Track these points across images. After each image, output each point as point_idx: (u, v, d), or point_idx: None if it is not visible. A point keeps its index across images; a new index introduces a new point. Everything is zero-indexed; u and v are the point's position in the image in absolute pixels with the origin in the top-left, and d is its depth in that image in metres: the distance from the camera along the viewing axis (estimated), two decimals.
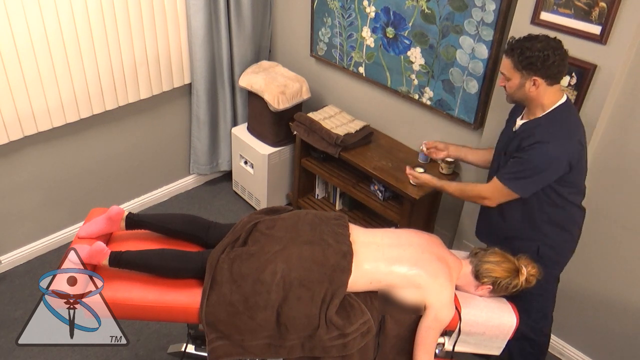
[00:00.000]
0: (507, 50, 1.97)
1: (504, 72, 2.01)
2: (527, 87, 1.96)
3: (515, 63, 1.94)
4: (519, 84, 1.97)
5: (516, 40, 1.95)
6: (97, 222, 2.13)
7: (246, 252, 1.98)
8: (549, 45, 1.90)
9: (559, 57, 1.90)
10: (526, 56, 1.90)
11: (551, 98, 1.99)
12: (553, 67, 1.90)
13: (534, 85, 1.95)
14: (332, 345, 1.89)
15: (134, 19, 2.98)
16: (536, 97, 1.98)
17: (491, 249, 2.07)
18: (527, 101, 2.03)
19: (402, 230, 2.21)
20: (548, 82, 1.94)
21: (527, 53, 1.90)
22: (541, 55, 1.88)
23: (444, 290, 1.95)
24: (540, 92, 1.96)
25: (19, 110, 2.77)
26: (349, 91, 3.37)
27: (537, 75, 1.92)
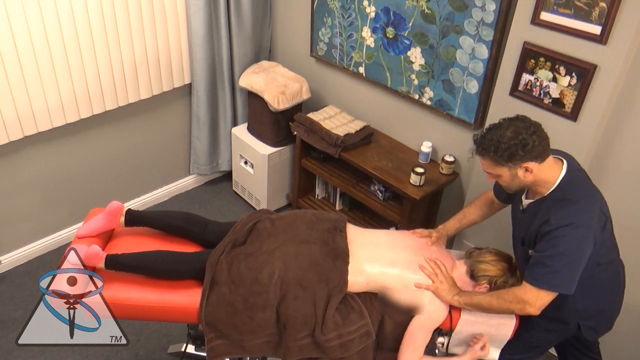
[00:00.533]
0: (478, 150, 1.81)
1: (490, 172, 1.84)
2: (521, 176, 1.79)
3: (494, 160, 1.78)
4: (511, 176, 1.80)
5: (482, 138, 1.80)
6: (96, 220, 2.13)
7: (244, 252, 1.98)
8: (518, 128, 1.73)
9: (535, 134, 1.73)
10: (503, 149, 1.73)
11: (551, 173, 1.82)
12: (536, 148, 1.73)
13: (527, 171, 1.77)
14: (331, 346, 1.89)
15: (134, 19, 2.98)
16: (535, 180, 1.81)
17: (486, 248, 2.07)
18: (528, 186, 1.86)
19: (399, 232, 2.22)
20: (539, 161, 1.77)
21: (503, 146, 1.73)
22: (517, 142, 1.72)
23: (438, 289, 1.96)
24: (536, 173, 1.78)
25: (19, 110, 2.77)
26: (349, 91, 3.37)
27: (524, 161, 1.75)
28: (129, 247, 2.09)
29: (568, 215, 1.74)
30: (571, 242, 1.73)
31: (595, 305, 1.96)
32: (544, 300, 1.78)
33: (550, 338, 2.08)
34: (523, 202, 1.95)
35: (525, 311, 1.81)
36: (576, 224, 1.72)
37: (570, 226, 1.72)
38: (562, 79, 2.25)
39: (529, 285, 1.79)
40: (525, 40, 2.30)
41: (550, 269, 1.75)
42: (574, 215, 1.74)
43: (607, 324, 2.05)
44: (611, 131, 2.28)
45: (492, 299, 1.88)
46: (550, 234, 1.75)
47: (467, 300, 1.93)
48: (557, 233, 1.73)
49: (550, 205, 1.81)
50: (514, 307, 1.83)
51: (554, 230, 1.74)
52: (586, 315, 1.97)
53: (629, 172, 2.30)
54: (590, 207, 1.77)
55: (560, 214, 1.75)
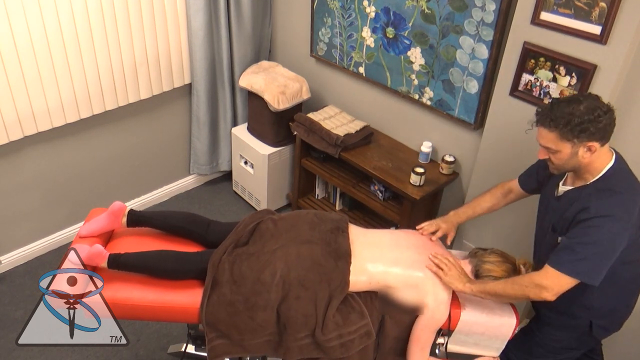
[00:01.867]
0: (545, 121, 1.72)
1: (549, 146, 1.74)
2: (581, 155, 1.71)
3: (563, 133, 1.69)
4: (571, 153, 1.72)
5: (551, 108, 1.71)
6: (98, 220, 2.13)
7: (246, 252, 1.98)
8: (592, 104, 1.67)
9: (608, 114, 1.67)
10: (575, 123, 1.65)
11: (603, 160, 1.76)
12: (606, 128, 1.68)
13: (589, 151, 1.70)
14: (331, 346, 1.89)
15: (134, 19, 2.98)
16: (590, 162, 1.74)
17: (491, 249, 2.07)
18: (579, 168, 1.78)
19: (401, 231, 2.22)
20: (602, 143, 1.70)
21: (575, 120, 1.65)
22: (591, 117, 1.65)
23: (440, 290, 1.96)
24: (594, 155, 1.72)
25: (19, 110, 2.77)
26: (349, 91, 3.37)
27: (592, 139, 1.68)
28: (130, 247, 2.09)
29: (609, 206, 1.69)
30: (606, 234, 1.68)
31: (611, 304, 1.94)
32: (562, 287, 1.73)
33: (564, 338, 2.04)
34: (559, 189, 1.89)
35: (541, 296, 1.75)
36: (616, 217, 1.68)
37: (609, 217, 1.68)
38: (562, 79, 2.25)
39: (551, 270, 1.73)
40: (525, 40, 2.30)
41: (578, 255, 1.70)
42: (615, 207, 1.69)
43: (618, 323, 2.03)
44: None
45: (506, 284, 1.83)
46: (587, 222, 1.70)
47: (481, 288, 1.89)
48: (594, 222, 1.68)
49: (591, 193, 1.75)
50: (529, 292, 1.77)
51: (591, 218, 1.69)
52: (600, 313, 1.95)
53: None
54: (632, 201, 1.72)
55: (601, 203, 1.70)
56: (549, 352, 2.10)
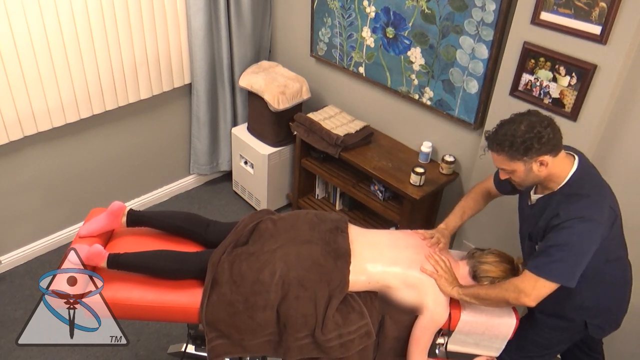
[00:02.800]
0: (492, 145, 1.80)
1: (503, 167, 1.82)
2: (536, 170, 1.77)
3: (510, 155, 1.76)
4: (525, 170, 1.78)
5: (494, 134, 1.79)
6: (98, 220, 2.13)
7: (246, 252, 1.98)
8: (532, 122, 1.73)
9: (550, 127, 1.73)
10: (519, 143, 1.72)
11: (563, 167, 1.81)
12: (551, 141, 1.73)
13: (542, 165, 1.76)
14: (331, 346, 1.89)
15: (134, 19, 2.98)
16: (549, 174, 1.80)
17: (488, 249, 2.07)
18: (541, 181, 1.85)
19: (400, 231, 2.22)
20: (553, 155, 1.75)
21: (518, 140, 1.72)
22: (532, 135, 1.71)
23: (439, 291, 1.96)
24: (550, 167, 1.77)
25: (19, 110, 2.77)
26: (349, 91, 3.37)
27: (540, 154, 1.73)
28: (129, 247, 2.09)
29: (578, 209, 1.74)
30: (578, 235, 1.72)
31: (603, 303, 1.96)
32: (541, 291, 1.76)
33: (558, 338, 2.06)
34: (532, 197, 1.93)
35: (520, 301, 1.78)
36: (585, 218, 1.72)
37: (579, 219, 1.72)
38: (562, 79, 2.25)
39: (528, 273, 1.77)
40: (525, 40, 2.30)
41: (553, 258, 1.74)
42: (584, 209, 1.73)
43: (615, 322, 2.04)
44: (611, 131, 2.28)
45: (489, 288, 1.88)
46: (558, 226, 1.74)
47: (466, 291, 1.93)
48: (565, 225, 1.73)
49: (560, 199, 1.80)
50: (509, 296, 1.80)
51: (562, 222, 1.73)
52: (593, 313, 1.97)
53: (628, 171, 2.30)
54: (600, 202, 1.77)
55: (570, 207, 1.75)
56: (538, 348, 2.11)
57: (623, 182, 2.32)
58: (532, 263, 1.79)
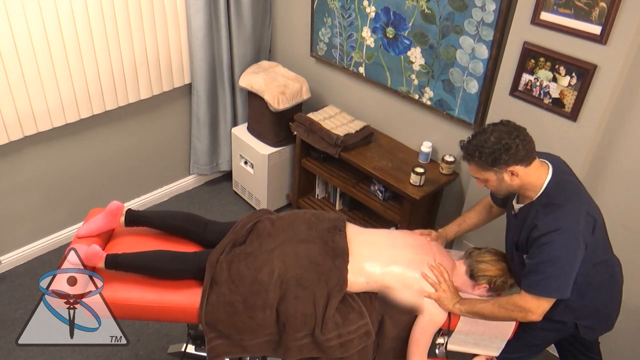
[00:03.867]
0: (464, 155, 1.84)
1: (477, 177, 1.86)
2: (508, 180, 1.80)
3: (480, 165, 1.80)
4: (497, 180, 1.82)
5: (467, 144, 1.83)
6: (96, 220, 2.13)
7: (244, 251, 1.98)
8: (501, 133, 1.75)
9: (519, 138, 1.74)
10: (487, 154, 1.75)
11: (537, 176, 1.82)
12: (519, 152, 1.74)
13: (513, 175, 1.78)
14: (330, 346, 1.89)
15: (134, 19, 2.98)
16: (522, 183, 1.82)
17: (485, 248, 2.08)
18: (516, 190, 1.87)
19: (399, 231, 2.22)
20: (524, 165, 1.77)
21: (486, 151, 1.75)
22: (500, 146, 1.73)
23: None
24: (522, 177, 1.79)
25: (19, 110, 2.77)
26: (349, 91, 3.37)
27: (509, 165, 1.76)
28: (128, 247, 2.10)
29: (554, 221, 1.76)
30: (561, 247, 1.74)
31: (592, 305, 1.97)
32: (544, 307, 1.80)
33: (548, 337, 2.08)
34: (515, 207, 1.95)
35: (527, 319, 1.82)
36: (563, 229, 1.74)
37: (557, 231, 1.74)
38: (562, 79, 2.25)
39: (528, 295, 1.80)
40: (525, 40, 2.30)
41: (544, 275, 1.76)
42: (560, 220, 1.75)
43: (606, 323, 2.05)
44: (611, 131, 2.28)
45: (494, 308, 1.89)
46: (539, 240, 1.77)
47: (469, 309, 1.94)
48: (545, 239, 1.75)
49: (538, 209, 1.81)
50: (516, 316, 1.84)
51: (542, 236, 1.76)
52: (582, 315, 1.97)
53: (628, 171, 2.30)
54: (575, 210, 1.78)
55: (546, 219, 1.77)
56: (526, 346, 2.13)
57: (623, 182, 2.32)
58: (527, 283, 1.81)
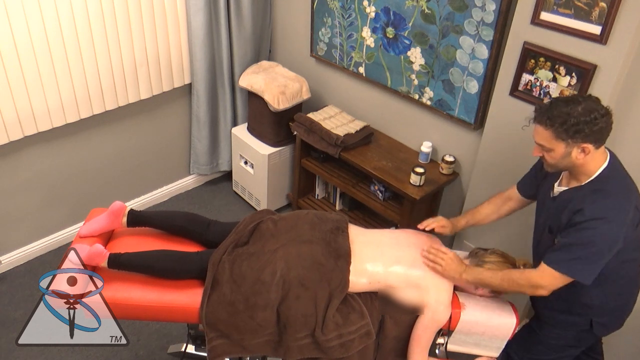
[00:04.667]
0: (541, 118, 1.73)
1: (543, 143, 1.75)
2: (574, 156, 1.72)
3: (557, 133, 1.70)
4: (564, 153, 1.73)
5: (549, 107, 1.72)
6: (98, 220, 2.13)
7: (246, 252, 1.98)
8: (590, 106, 1.68)
9: (606, 117, 1.68)
10: (571, 124, 1.66)
11: (597, 161, 1.76)
12: (602, 131, 1.68)
13: (583, 152, 1.71)
14: (331, 346, 1.89)
15: (134, 19, 2.98)
16: (584, 164, 1.75)
17: (491, 249, 2.07)
18: (573, 168, 1.79)
19: (401, 230, 2.22)
20: (597, 146, 1.71)
21: (571, 120, 1.66)
22: (588, 119, 1.66)
23: (441, 290, 1.96)
24: (588, 157, 1.73)
25: (19, 110, 2.77)
26: (349, 91, 3.37)
27: (586, 141, 1.69)
28: (130, 246, 2.09)
29: (603, 209, 1.71)
30: (601, 236, 1.70)
31: (611, 302, 1.95)
32: (557, 284, 1.78)
33: (566, 338, 2.05)
34: (555, 190, 1.89)
35: (536, 293, 1.81)
36: (609, 219, 1.69)
37: (603, 220, 1.69)
38: (562, 79, 2.25)
39: (547, 268, 1.77)
40: (525, 40, 2.30)
41: (574, 255, 1.73)
42: (609, 210, 1.71)
43: (618, 321, 2.04)
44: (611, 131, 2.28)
45: (502, 281, 1.87)
46: (582, 224, 1.72)
47: (476, 278, 1.94)
48: (588, 225, 1.70)
49: (585, 194, 1.76)
50: (526, 290, 1.83)
51: (586, 221, 1.71)
52: (599, 312, 1.96)
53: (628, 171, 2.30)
54: (626, 202, 1.73)
55: (595, 206, 1.72)
56: (549, 350, 2.10)
57: None
58: (552, 258, 1.77)
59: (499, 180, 2.62)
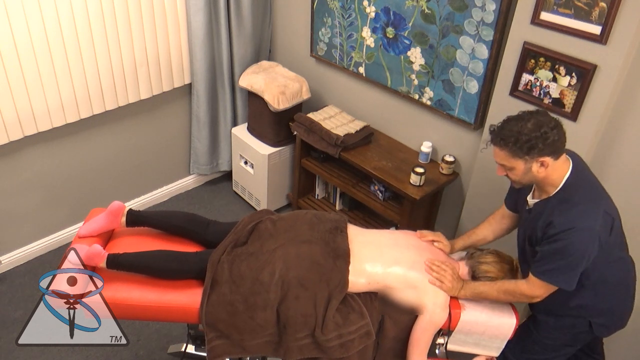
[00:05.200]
0: (495, 140, 1.78)
1: (503, 163, 1.81)
2: (535, 170, 1.77)
3: (513, 151, 1.75)
4: (525, 169, 1.78)
5: (500, 128, 1.78)
6: (97, 220, 2.13)
7: (245, 252, 1.98)
8: (539, 121, 1.72)
9: (556, 129, 1.72)
10: (524, 141, 1.71)
11: (560, 171, 1.81)
12: (555, 143, 1.72)
13: (542, 166, 1.76)
14: (331, 346, 1.89)
15: (134, 19, 2.98)
16: (546, 176, 1.80)
17: (487, 250, 2.08)
18: (538, 182, 1.85)
19: (400, 231, 2.22)
20: (554, 157, 1.75)
21: (523, 138, 1.71)
22: (539, 134, 1.70)
23: (439, 293, 1.97)
24: (549, 169, 1.77)
25: (19, 110, 2.77)
26: (349, 91, 3.37)
27: (542, 155, 1.73)
28: (129, 247, 2.09)
29: (571, 219, 1.75)
30: (574, 244, 1.75)
31: (604, 302, 1.97)
32: (547, 291, 1.86)
33: (563, 338, 2.06)
34: (529, 202, 1.95)
35: (532, 301, 1.90)
36: (578, 228, 1.74)
37: (572, 230, 1.74)
38: (562, 79, 2.25)
39: (535, 279, 1.84)
40: (525, 40, 2.30)
41: (554, 265, 1.80)
42: (577, 219, 1.75)
43: (619, 321, 2.05)
44: (611, 131, 2.28)
45: (499, 295, 1.94)
46: (553, 237, 1.77)
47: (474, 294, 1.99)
48: (559, 237, 1.76)
49: (554, 205, 1.81)
50: (521, 300, 1.92)
51: (557, 234, 1.76)
52: (594, 312, 1.98)
53: (629, 172, 2.30)
54: (593, 209, 1.77)
55: (563, 217, 1.77)
56: (546, 350, 2.11)
57: (623, 182, 2.32)
58: (536, 268, 1.84)
59: (498, 181, 2.62)
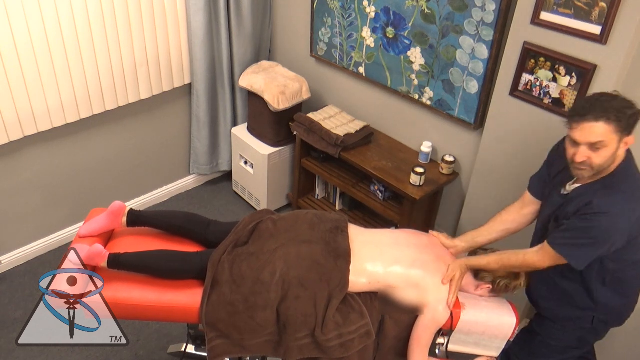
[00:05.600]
0: (598, 114, 1.63)
1: (599, 140, 1.64)
2: (618, 151, 1.68)
3: (617, 126, 1.62)
4: (616, 148, 1.66)
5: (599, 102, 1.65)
6: (98, 220, 2.13)
7: (246, 252, 1.98)
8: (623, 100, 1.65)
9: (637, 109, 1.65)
10: (629, 115, 1.62)
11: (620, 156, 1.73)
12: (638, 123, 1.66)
13: (625, 146, 1.68)
14: (331, 346, 1.89)
15: (134, 19, 2.98)
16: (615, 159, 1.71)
17: (490, 250, 2.07)
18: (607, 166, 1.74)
19: (401, 230, 2.22)
20: None
21: (629, 112, 1.62)
22: (637, 110, 1.63)
23: (441, 290, 1.96)
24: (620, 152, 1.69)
25: (19, 110, 2.77)
26: (349, 91, 3.37)
27: (631, 133, 1.66)
28: (129, 246, 2.09)
29: (610, 203, 1.70)
30: (604, 228, 1.71)
31: (616, 301, 1.96)
32: (553, 262, 1.83)
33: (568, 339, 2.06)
34: (567, 187, 1.87)
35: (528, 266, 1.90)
36: (613, 213, 1.69)
37: (608, 214, 1.69)
38: (562, 79, 2.25)
39: (552, 252, 1.80)
40: (525, 40, 2.30)
41: (575, 241, 1.76)
42: (616, 205, 1.70)
43: (620, 318, 2.05)
44: None
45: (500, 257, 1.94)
46: (587, 215, 1.72)
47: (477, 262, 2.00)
48: (594, 217, 1.71)
49: (597, 189, 1.75)
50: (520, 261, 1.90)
51: (592, 213, 1.71)
52: (604, 309, 1.97)
53: None
54: (634, 202, 1.72)
55: (603, 200, 1.71)
56: (552, 352, 2.10)
57: None
58: (558, 240, 1.80)
59: (498, 180, 2.62)
